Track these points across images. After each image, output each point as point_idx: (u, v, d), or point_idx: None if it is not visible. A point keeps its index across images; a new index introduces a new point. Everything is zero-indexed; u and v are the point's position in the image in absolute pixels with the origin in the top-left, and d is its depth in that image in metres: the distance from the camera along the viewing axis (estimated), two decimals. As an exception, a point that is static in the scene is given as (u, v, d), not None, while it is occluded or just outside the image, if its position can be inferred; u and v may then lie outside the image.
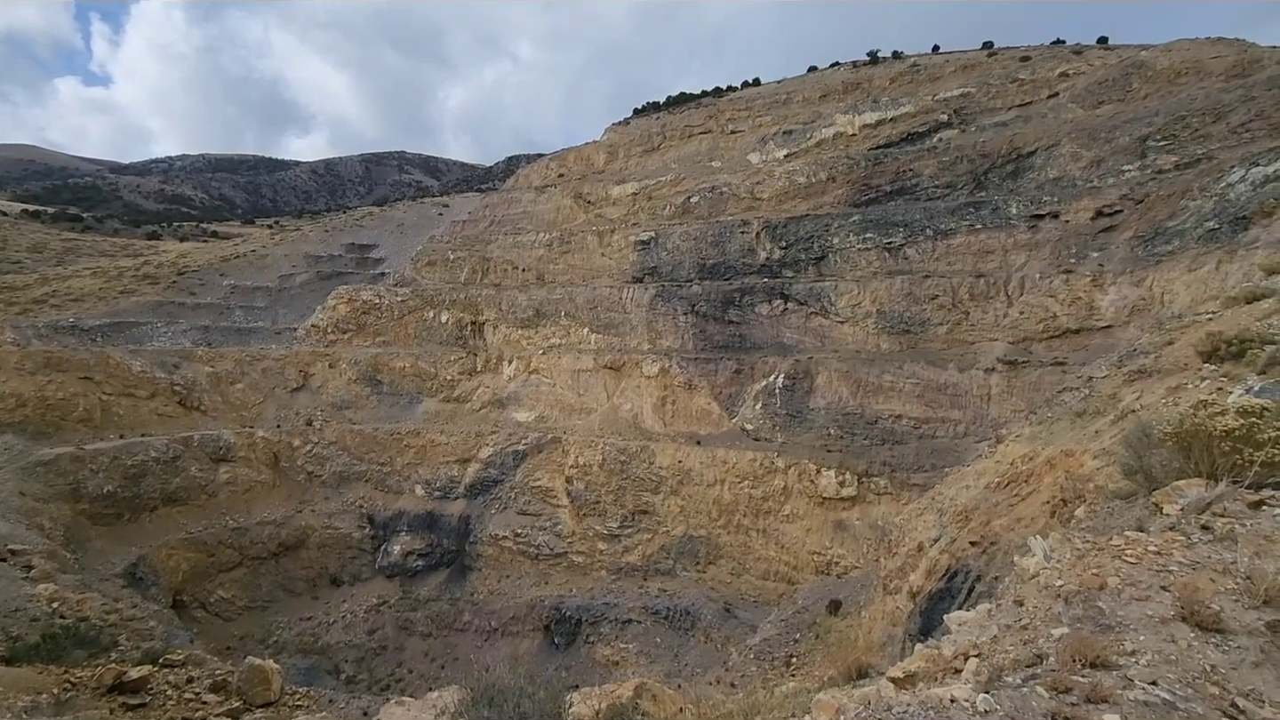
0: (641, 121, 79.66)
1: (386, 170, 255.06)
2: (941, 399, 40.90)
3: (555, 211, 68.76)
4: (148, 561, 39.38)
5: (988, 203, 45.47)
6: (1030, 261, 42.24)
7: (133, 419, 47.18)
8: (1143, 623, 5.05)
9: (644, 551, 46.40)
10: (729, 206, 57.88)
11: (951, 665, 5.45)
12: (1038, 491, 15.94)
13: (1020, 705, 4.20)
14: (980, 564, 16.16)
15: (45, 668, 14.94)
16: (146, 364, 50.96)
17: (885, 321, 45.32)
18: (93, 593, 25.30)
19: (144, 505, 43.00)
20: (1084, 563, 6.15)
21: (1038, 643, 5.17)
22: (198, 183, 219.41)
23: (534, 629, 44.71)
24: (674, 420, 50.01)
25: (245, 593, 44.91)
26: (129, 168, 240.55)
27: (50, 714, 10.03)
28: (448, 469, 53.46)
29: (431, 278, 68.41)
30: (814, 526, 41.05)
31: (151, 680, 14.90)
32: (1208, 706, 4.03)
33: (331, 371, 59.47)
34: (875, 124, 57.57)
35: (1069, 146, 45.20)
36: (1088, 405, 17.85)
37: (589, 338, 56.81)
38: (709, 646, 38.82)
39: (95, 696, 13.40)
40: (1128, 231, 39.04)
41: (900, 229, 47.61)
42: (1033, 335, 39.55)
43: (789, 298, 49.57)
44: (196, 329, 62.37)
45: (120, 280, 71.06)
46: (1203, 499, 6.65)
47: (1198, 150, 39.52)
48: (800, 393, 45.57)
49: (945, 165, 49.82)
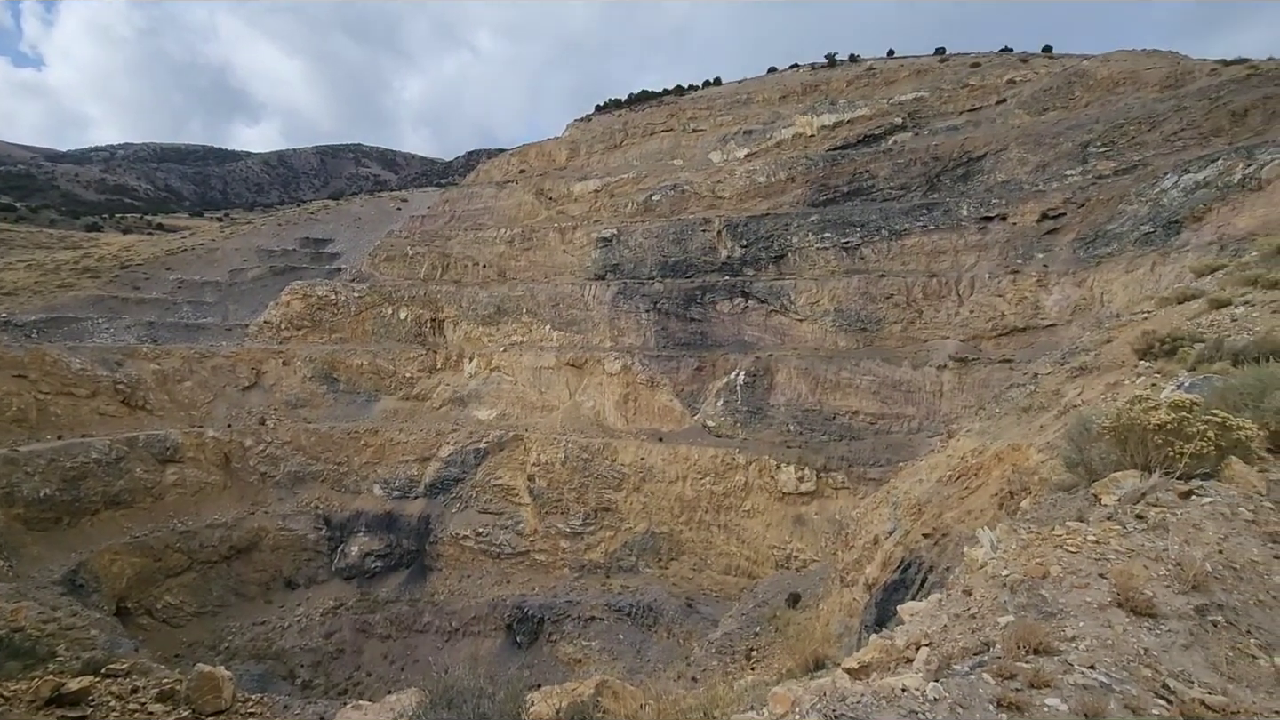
0: (604, 118, 79.40)
1: (342, 163, 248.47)
2: (896, 395, 41.93)
3: (517, 207, 68.06)
4: (89, 567, 37.71)
5: (940, 204, 46.73)
6: (980, 262, 43.58)
7: (72, 419, 45.06)
8: (1082, 609, 5.21)
9: (606, 549, 46.41)
10: (691, 205, 58.17)
11: (904, 655, 5.56)
12: (987, 484, 16.47)
13: (968, 692, 4.31)
14: (933, 555, 16.62)
15: (-24, 682, 14.19)
16: (87, 361, 48.66)
17: (843, 320, 46.20)
18: (28, 601, 24.09)
19: (85, 509, 41.18)
20: (1028, 553, 6.33)
21: (985, 631, 5.29)
22: (142, 173, 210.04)
23: (496, 628, 44.32)
24: (636, 417, 50.09)
25: (194, 598, 43.40)
26: (67, 156, 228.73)
27: (-19, 730, 9.53)
28: (407, 468, 52.52)
29: (390, 273, 67.01)
30: (774, 521, 41.64)
31: (93, 691, 14.29)
32: (1141, 688, 4.19)
33: (285, 369, 57.77)
34: (833, 125, 58.57)
35: (1016, 151, 46.76)
36: (1033, 401, 18.51)
37: (551, 335, 56.45)
38: (671, 642, 39.06)
39: (31, 710, 12.79)
40: (1070, 234, 40.61)
41: (857, 229, 48.57)
42: (982, 333, 40.84)
43: (750, 296, 50.10)
44: (141, 325, 59.88)
45: (58, 274, 67.72)
46: (1137, 490, 6.93)
47: (1134, 157, 41.32)
48: (761, 390, 46.15)
49: (900, 167, 51.01)
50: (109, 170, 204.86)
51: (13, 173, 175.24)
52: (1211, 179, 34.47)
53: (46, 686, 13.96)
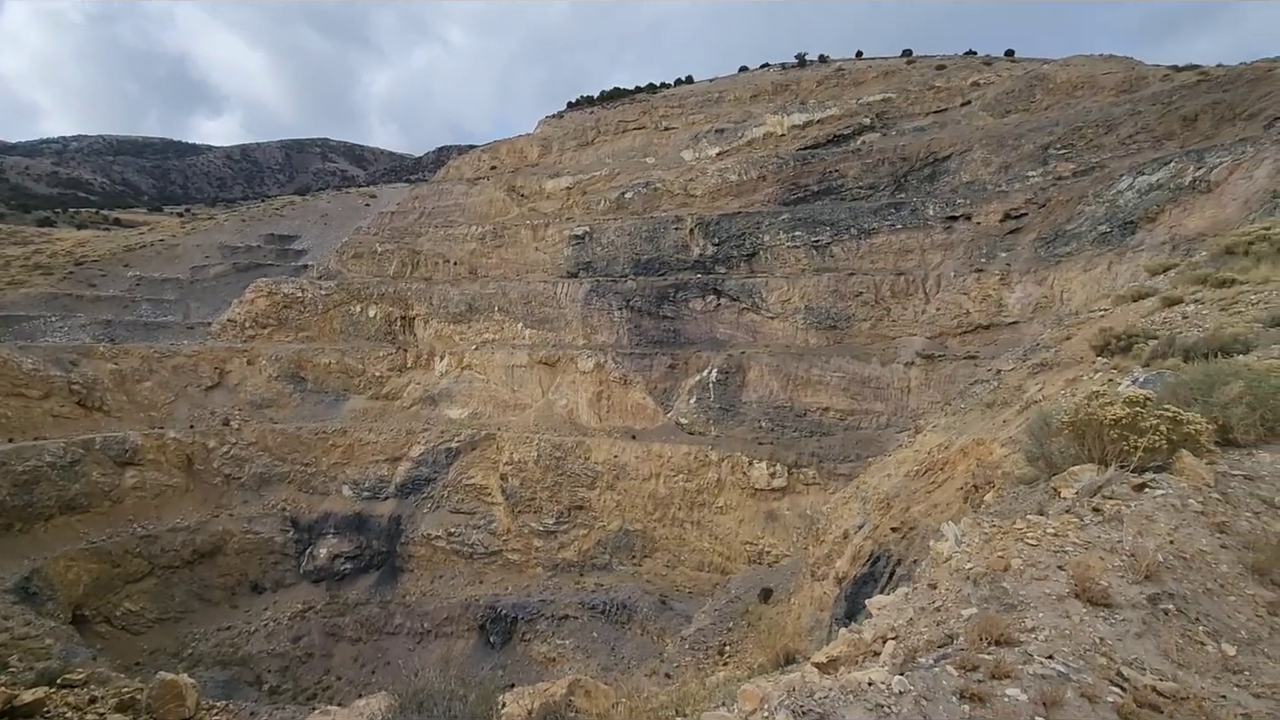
0: (576, 115, 78.98)
1: (309, 158, 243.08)
2: (865, 392, 42.59)
3: (488, 204, 67.39)
4: (43, 574, 36.43)
5: (907, 204, 47.54)
6: (946, 260, 44.45)
7: (24, 421, 43.44)
8: (1042, 601, 5.32)
9: (580, 547, 46.34)
10: (663, 202, 58.24)
11: (871, 649, 5.63)
12: (952, 479, 16.80)
13: (932, 685, 4.39)
14: (901, 549, 16.93)
15: (-78, 696, 13.64)
16: (39, 361, 46.91)
17: (813, 317, 46.74)
18: (-22, 612, 23.21)
19: (38, 514, 39.81)
20: (990, 546, 6.44)
21: (949, 623, 5.37)
22: (97, 166, 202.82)
23: (469, 629, 43.96)
24: (609, 415, 50.05)
25: (156, 604, 42.21)
26: (16, 147, 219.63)
27: (-71, 747, 9.15)
28: (377, 468, 51.75)
29: (358, 271, 65.83)
30: (746, 517, 42.00)
31: (48, 703, 13.80)
32: (1097, 676, 4.30)
33: (250, 369, 56.43)
34: (803, 125, 59.14)
35: (980, 152, 47.78)
36: (996, 396, 18.94)
37: (523, 333, 56.07)
38: (645, 639, 39.18)
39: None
40: (1032, 233, 41.65)
41: (827, 228, 49.15)
42: (948, 330, 41.69)
43: (722, 294, 50.38)
44: (97, 324, 57.91)
45: (7, 270, 65.10)
46: (1094, 483, 7.12)
47: (1092, 159, 42.52)
48: (733, 387, 46.47)
49: (868, 167, 51.75)
50: (61, 163, 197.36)
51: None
52: (1164, 181, 35.64)
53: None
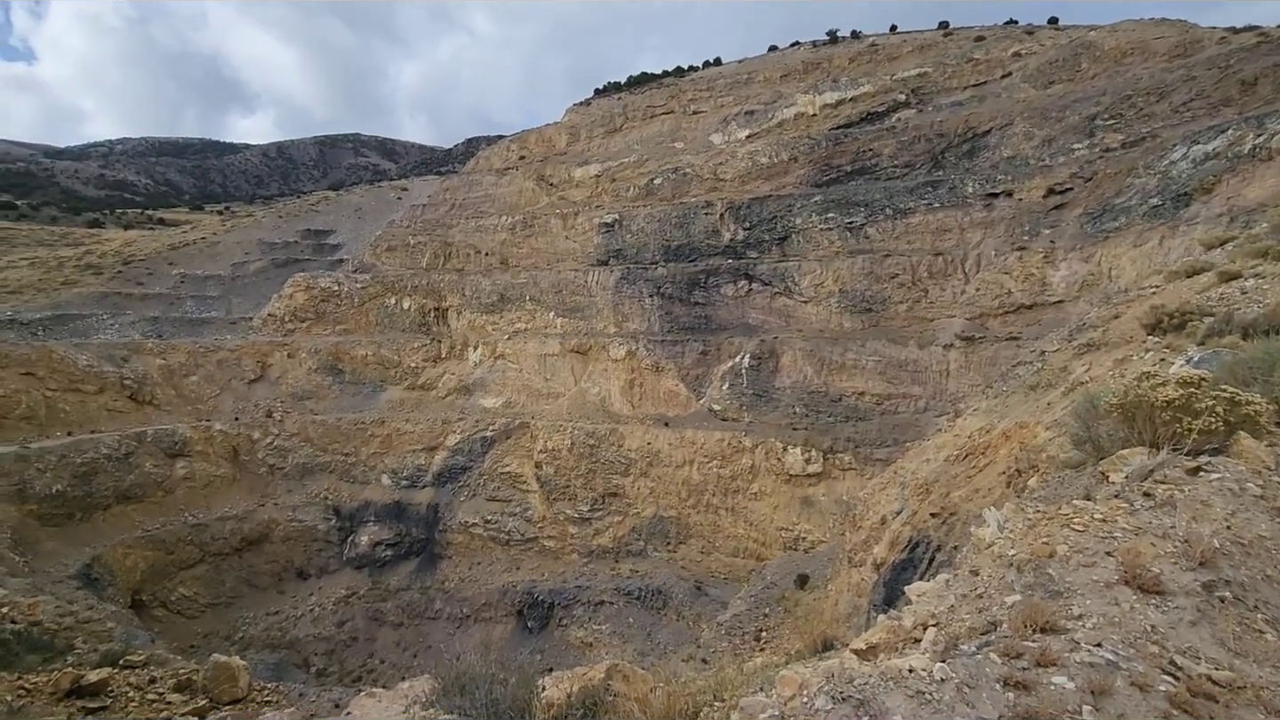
0: (603, 102, 78.71)
1: (341, 153, 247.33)
2: (902, 375, 41.83)
3: (517, 194, 67.74)
4: (103, 561, 38.16)
5: (945, 182, 46.29)
6: (986, 239, 43.23)
7: (80, 415, 45.40)
8: (1089, 588, 5.19)
9: (615, 533, 46.69)
10: (692, 188, 57.77)
11: (911, 635, 5.56)
12: (994, 463, 16.44)
13: (974, 672, 4.31)
14: (940, 535, 16.65)
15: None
16: (93, 358, 48.91)
17: (847, 300, 45.99)
18: (45, 596, 24.42)
19: (96, 504, 41.57)
20: (1035, 532, 6.30)
21: (992, 611, 5.28)
22: (141, 167, 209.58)
23: (507, 614, 44.76)
24: (642, 403, 50.15)
25: (208, 590, 43.92)
26: (65, 152, 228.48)
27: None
28: (414, 457, 52.80)
29: (392, 263, 66.93)
30: (781, 503, 41.77)
31: (111, 682, 14.50)
32: (1148, 665, 4.18)
33: (290, 361, 57.97)
34: (835, 104, 57.90)
35: (1022, 126, 46.19)
36: (1040, 378, 18.42)
37: (555, 322, 56.41)
38: (681, 625, 39.40)
39: (52, 701, 13.00)
40: (1078, 209, 40.20)
41: (861, 209, 48.19)
42: (989, 311, 40.62)
43: (753, 278, 49.88)
44: (145, 320, 60.08)
45: (61, 271, 67.88)
46: (1145, 467, 6.88)
47: (1143, 129, 40.77)
48: (766, 372, 46.10)
49: (904, 145, 50.48)
50: (108, 166, 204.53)
51: (12, 170, 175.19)
52: (1221, 149, 34.00)
53: (66, 679, 14.18)
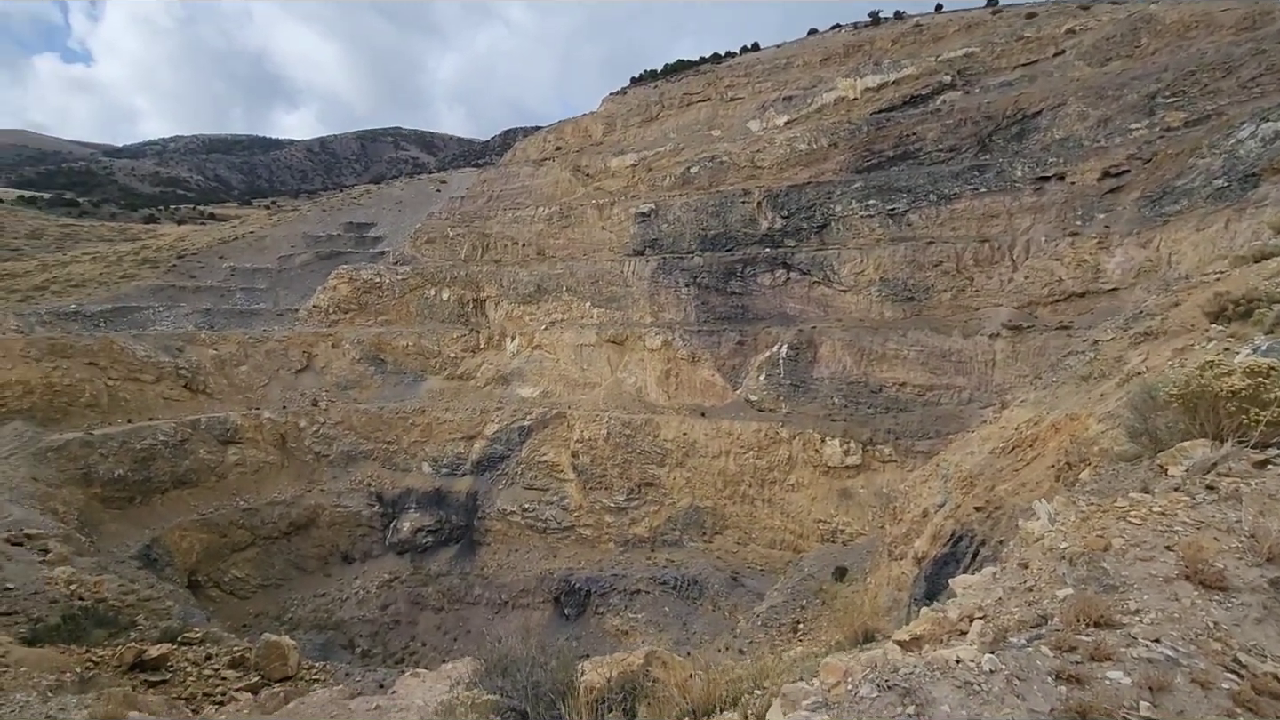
0: (639, 91, 78.39)
1: (382, 147, 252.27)
2: (946, 366, 40.87)
3: (554, 185, 68.09)
4: (161, 543, 39.93)
5: (992, 165, 44.85)
6: (1035, 225, 41.80)
7: (139, 403, 47.46)
8: (1146, 582, 5.05)
9: (651, 523, 46.89)
10: (729, 176, 57.19)
11: (957, 628, 5.48)
12: (1042, 456, 15.98)
13: (1025, 664, 4.22)
14: (985, 529, 16.27)
15: (67, 648, 15.28)
16: (150, 348, 51.07)
17: (889, 289, 45.06)
18: (109, 574, 25.69)
19: (155, 488, 43.44)
20: (1088, 525, 6.14)
21: (1042, 604, 5.18)
22: (193, 164, 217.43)
23: (544, 601, 45.44)
24: (678, 393, 50.12)
25: (259, 571, 45.60)
26: (123, 150, 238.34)
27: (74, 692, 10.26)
28: (454, 446, 53.81)
29: (431, 255, 68.07)
30: (819, 495, 41.36)
31: (171, 658, 15.23)
32: (1210, 662, 4.04)
33: (335, 352, 59.57)
34: (877, 87, 56.49)
35: (1075, 106, 44.37)
36: (1093, 369, 17.80)
37: (591, 312, 56.67)
38: (717, 615, 39.44)
39: (117, 674, 13.70)
40: (1135, 192, 38.53)
41: (903, 195, 47.07)
42: (1038, 300, 39.32)
43: (791, 267, 49.25)
44: (198, 312, 62.39)
45: (120, 265, 70.91)
46: (1208, 459, 6.62)
47: (1207, 106, 38.76)
48: (804, 363, 45.56)
49: (949, 128, 49.01)
50: (162, 163, 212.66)
51: (75, 169, 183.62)
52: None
53: (130, 653, 14.93)
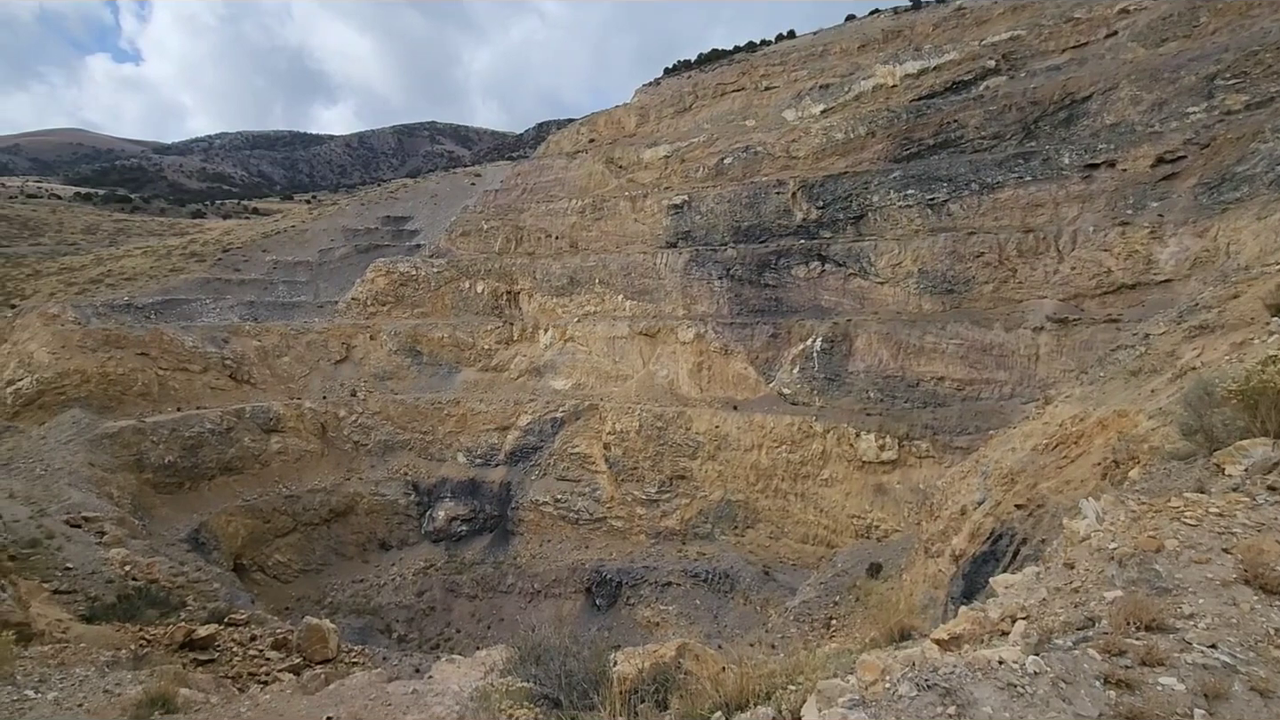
0: (672, 81, 77.97)
1: (418, 141, 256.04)
2: (986, 360, 39.85)
3: (587, 178, 68.19)
4: (209, 527, 41.34)
5: (1038, 153, 43.41)
6: (1083, 214, 40.37)
7: (188, 392, 49.12)
8: (1202, 585, 4.90)
9: (682, 516, 46.89)
10: (764, 167, 56.51)
11: (998, 628, 5.38)
12: (1088, 453, 15.50)
13: (1071, 667, 4.10)
14: (1026, 527, 15.87)
15: (122, 625, 15.98)
16: (198, 339, 52.81)
17: (927, 281, 44.08)
18: (160, 557, 26.76)
19: (202, 474, 44.93)
20: (1139, 525, 5.95)
21: (1089, 605, 5.06)
22: (237, 160, 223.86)
23: (576, 591, 45.84)
24: (710, 386, 49.91)
25: (300, 556, 46.93)
26: (171, 148, 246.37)
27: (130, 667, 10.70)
28: (488, 437, 54.51)
29: (466, 248, 68.86)
30: (853, 490, 40.82)
31: (218, 638, 15.80)
32: (1270, 670, 3.90)
33: (372, 343, 60.78)
34: (917, 74, 55.10)
35: (1128, 89, 42.63)
36: (1143, 363, 17.19)
37: (624, 305, 56.72)
38: (748, 609, 39.31)
39: (168, 652, 14.27)
40: (1191, 179, 36.92)
41: (944, 184, 45.91)
42: (1085, 291, 38.02)
43: (826, 259, 48.52)
44: (243, 304, 64.17)
45: (169, 259, 73.38)
46: (1269, 459, 6.35)
47: (1271, 88, 36.86)
48: (839, 356, 44.91)
49: (992, 115, 47.58)
50: (208, 159, 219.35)
51: (127, 166, 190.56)
52: (1363, 109, 30.39)
53: (180, 632, 15.53)
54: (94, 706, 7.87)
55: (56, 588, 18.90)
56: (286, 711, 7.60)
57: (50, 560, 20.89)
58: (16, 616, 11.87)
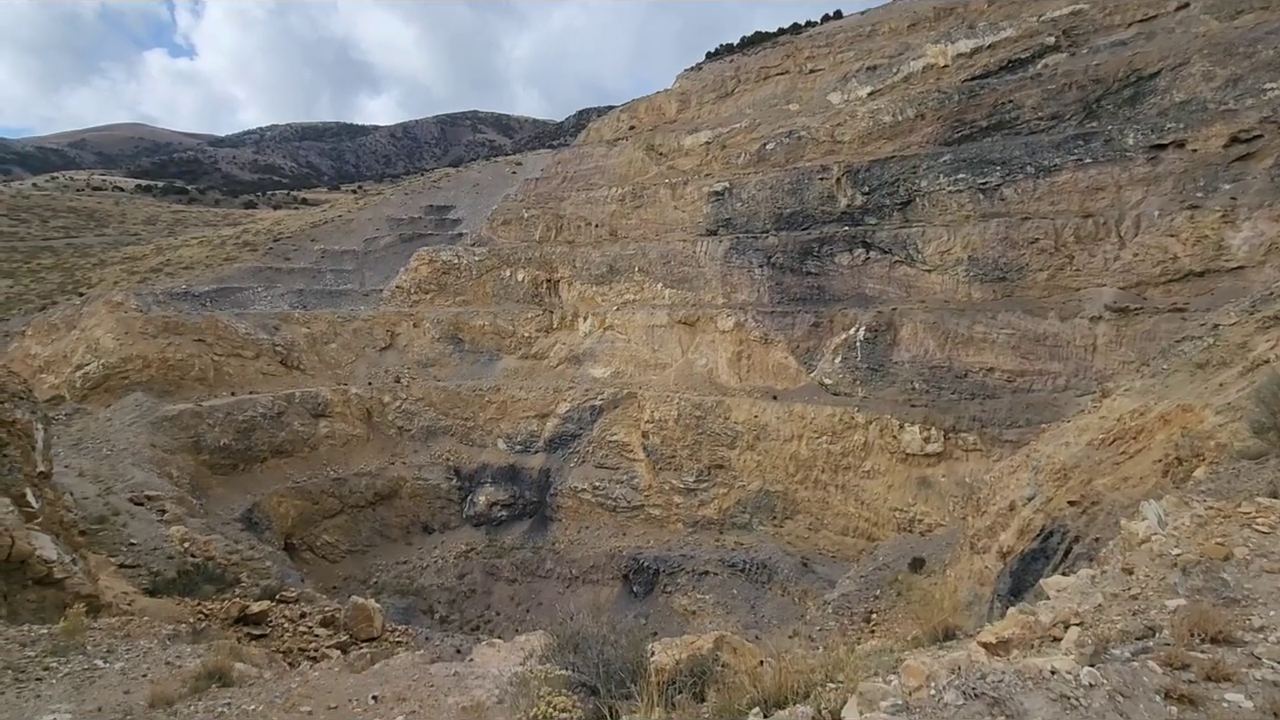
0: (714, 66, 76.86)
1: (461, 131, 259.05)
2: (1039, 350, 38.47)
3: (627, 165, 67.94)
4: (261, 508, 43.00)
5: (1099, 134, 41.43)
6: (1148, 198, 38.44)
7: (241, 378, 51.03)
8: (1274, 597, 4.65)
9: (720, 505, 46.77)
10: (807, 152, 55.35)
11: (1049, 633, 5.19)
12: (1148, 449, 14.85)
13: (1130, 680, 3.90)
14: (1079, 525, 15.32)
15: (182, 600, 16.76)
16: (251, 326, 54.77)
17: (977, 269, 42.69)
18: (217, 535, 27.94)
19: (255, 456, 46.72)
20: (1206, 530, 5.66)
21: (1149, 614, 4.84)
22: (287, 152, 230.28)
23: (613, 578, 46.26)
24: (750, 375, 49.48)
25: (347, 538, 48.49)
26: (225, 140, 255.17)
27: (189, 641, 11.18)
28: (527, 424, 55.22)
29: (507, 237, 69.51)
30: (896, 483, 40.06)
31: (270, 614, 16.43)
32: None
33: (416, 331, 62.05)
34: (971, 53, 53.01)
35: (1200, 65, 40.27)
36: (1211, 355, 16.35)
37: (663, 293, 56.54)
38: (786, 600, 39.06)
39: (224, 626, 14.89)
40: (1268, 159, 34.75)
41: (997, 168, 44.25)
42: (1148, 279, 36.28)
43: (871, 246, 47.41)
44: (293, 293, 66.21)
45: (224, 248, 76.16)
46: (1353, 461, 5.92)
47: (1357, 62, 34.40)
48: (883, 345, 43.95)
49: (1051, 94, 45.52)
50: (260, 151, 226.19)
51: (184, 159, 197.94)
52: None
53: (235, 607, 16.20)
54: (156, 677, 8.24)
55: (122, 562, 19.91)
56: (334, 688, 7.83)
57: (116, 536, 22.02)
58: (87, 589, 12.53)
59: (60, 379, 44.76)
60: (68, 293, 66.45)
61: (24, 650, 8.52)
